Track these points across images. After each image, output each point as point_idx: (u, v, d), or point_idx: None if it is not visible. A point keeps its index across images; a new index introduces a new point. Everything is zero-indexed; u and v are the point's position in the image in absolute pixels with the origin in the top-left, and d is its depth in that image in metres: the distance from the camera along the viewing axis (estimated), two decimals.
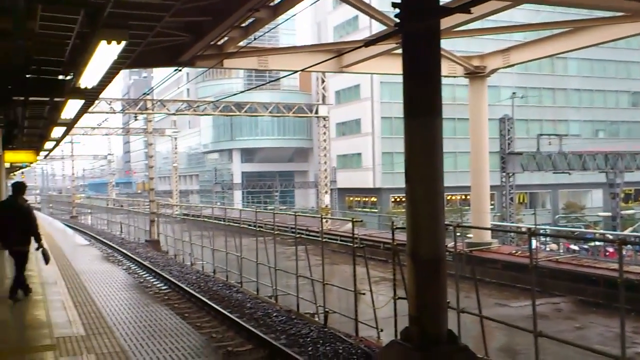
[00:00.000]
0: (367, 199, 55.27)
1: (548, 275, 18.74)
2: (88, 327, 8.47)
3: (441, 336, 7.64)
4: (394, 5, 7.35)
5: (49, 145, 27.98)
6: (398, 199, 50.67)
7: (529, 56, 21.18)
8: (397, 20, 7.68)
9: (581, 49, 18.91)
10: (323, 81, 37.25)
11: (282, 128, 67.89)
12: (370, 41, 8.58)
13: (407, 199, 7.91)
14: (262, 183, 65.01)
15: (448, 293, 8.00)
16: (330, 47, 20.06)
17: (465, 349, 7.76)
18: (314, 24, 67.82)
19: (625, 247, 21.24)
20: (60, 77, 8.25)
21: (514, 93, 42.61)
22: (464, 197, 47.18)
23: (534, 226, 21.49)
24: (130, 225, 37.10)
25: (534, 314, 7.61)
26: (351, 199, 57.59)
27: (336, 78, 49.38)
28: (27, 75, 8.32)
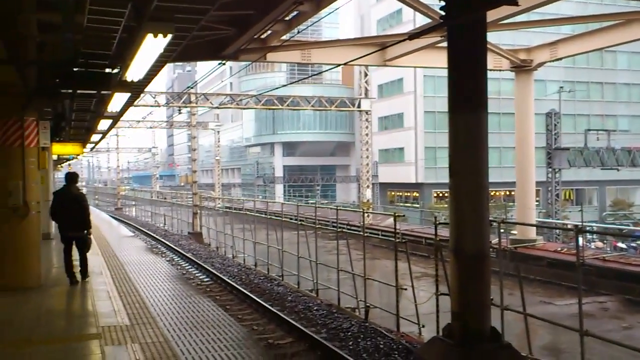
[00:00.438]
0: (409, 193, 54.93)
1: (594, 274, 18.39)
2: (132, 316, 8.59)
3: (484, 333, 7.54)
4: None
5: (95, 137, 28.50)
6: (440, 194, 50.25)
7: (577, 49, 20.76)
8: (442, 12, 7.58)
9: (632, 42, 18.44)
10: (366, 75, 37.08)
11: (324, 122, 67.86)
12: (415, 34, 8.48)
13: (450, 194, 7.82)
14: (304, 177, 65.15)
15: (491, 290, 7.89)
16: (373, 41, 19.97)
17: (508, 347, 7.66)
18: (357, 17, 67.56)
19: None
20: (107, 70, 8.37)
21: (561, 87, 41.78)
22: (508, 193, 46.59)
23: (580, 223, 21.08)
24: (173, 217, 37.60)
25: (580, 312, 7.45)
26: (393, 193, 57.31)
27: (379, 72, 49.16)
28: (75, 69, 8.45)
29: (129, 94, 11.65)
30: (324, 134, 68.65)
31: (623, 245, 27.67)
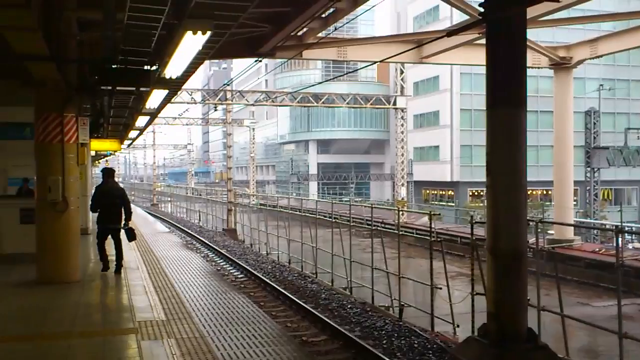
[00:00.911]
0: (444, 192, 54.54)
1: (633, 275, 18.03)
2: (168, 311, 8.67)
3: (520, 334, 7.45)
4: None
5: (132, 134, 28.90)
6: (476, 193, 49.76)
7: (618, 46, 20.35)
8: (481, 9, 7.50)
9: None
10: (402, 72, 36.88)
11: (359, 119, 67.70)
12: (453, 31, 8.39)
13: (488, 192, 7.74)
14: (338, 174, 65.12)
15: (528, 290, 7.79)
16: (410, 38, 19.84)
17: (544, 348, 7.55)
18: (393, 14, 67.25)
19: None
20: (146, 67, 8.46)
21: (601, 85, 41.00)
22: (545, 192, 45.96)
23: (619, 223, 20.68)
24: (208, 214, 37.91)
25: (619, 314, 7.31)
26: (427, 192, 56.96)
27: (415, 69, 48.83)
28: (114, 66, 8.56)
29: (167, 91, 11.78)
30: (358, 131, 68.49)
31: None
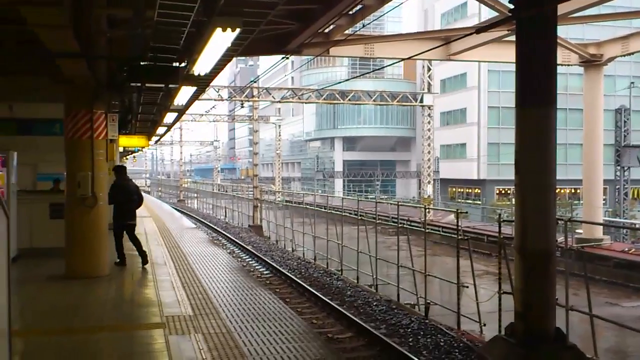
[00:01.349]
0: (471, 190, 54.17)
1: None
2: (195, 307, 8.73)
3: (548, 334, 7.39)
4: None
5: (160, 130, 29.14)
6: (503, 191, 49.35)
7: None
8: (510, 6, 7.44)
9: None
10: (429, 69, 36.68)
11: (385, 117, 67.48)
12: (482, 28, 8.32)
13: (516, 191, 7.68)
14: (364, 172, 65.00)
15: (556, 290, 7.71)
16: (437, 35, 19.73)
17: (573, 348, 7.48)
18: (420, 11, 66.88)
19: None
20: (175, 64, 8.52)
21: (632, 83, 40.37)
22: (573, 190, 45.43)
23: None
24: (234, 210, 38.09)
25: None
26: (454, 190, 56.62)
27: (442, 66, 48.53)
28: (144, 63, 8.64)
29: (195, 88, 11.84)
30: (384, 128, 68.28)
31: None
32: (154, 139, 38.61)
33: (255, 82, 30.02)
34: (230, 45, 6.97)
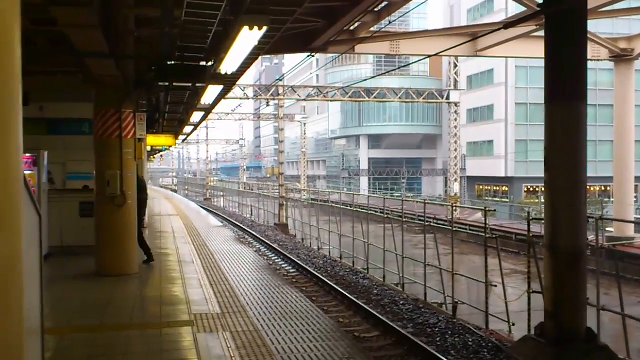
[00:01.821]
0: (498, 187, 53.72)
1: None
2: (223, 304, 8.75)
3: (578, 333, 7.31)
4: None
5: (186, 129, 29.33)
6: (531, 189, 48.86)
7: None
8: (539, 0, 7.35)
9: None
10: (455, 65, 36.44)
11: (410, 114, 67.18)
12: (510, 23, 8.24)
13: (546, 188, 7.61)
14: (389, 169, 64.81)
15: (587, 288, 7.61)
16: (464, 30, 19.56)
17: (604, 348, 7.39)
18: (446, 7, 66.46)
19: None
20: (202, 63, 8.56)
21: None
22: (603, 188, 44.85)
23: None
24: (259, 208, 38.21)
25: None
26: (480, 187, 56.20)
27: (468, 63, 48.19)
28: (171, 62, 8.69)
29: (221, 86, 11.89)
30: (410, 126, 67.97)
31: None
32: (181, 137, 38.89)
33: (280, 80, 30.07)
34: (256, 44, 6.98)
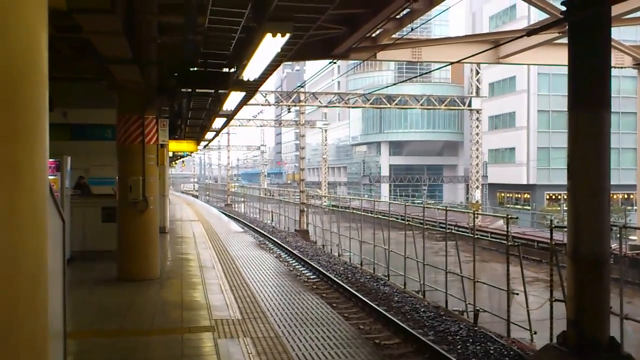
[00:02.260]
0: (520, 195, 53.30)
1: None
2: (244, 310, 8.76)
3: (602, 342, 7.21)
4: None
5: (208, 135, 29.49)
6: (553, 196, 48.41)
7: None
8: (562, 8, 7.30)
9: None
10: (477, 73, 36.27)
11: (432, 121, 66.97)
12: (533, 30, 8.19)
13: (569, 196, 7.53)
14: (410, 176, 64.59)
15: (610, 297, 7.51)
16: (486, 38, 19.46)
17: (628, 358, 7.27)
18: (468, 14, 66.21)
19: None
20: (225, 70, 8.61)
21: None
22: (626, 196, 44.33)
23: None
24: (280, 214, 38.27)
25: None
26: (502, 195, 55.81)
27: (490, 70, 47.97)
28: (194, 69, 8.75)
29: (244, 93, 11.93)
30: (431, 133, 67.75)
31: None
32: (203, 143, 39.10)
33: (302, 87, 30.16)
34: (279, 51, 7.01)
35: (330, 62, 15.25)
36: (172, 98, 11.95)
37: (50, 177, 11.07)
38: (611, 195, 7.21)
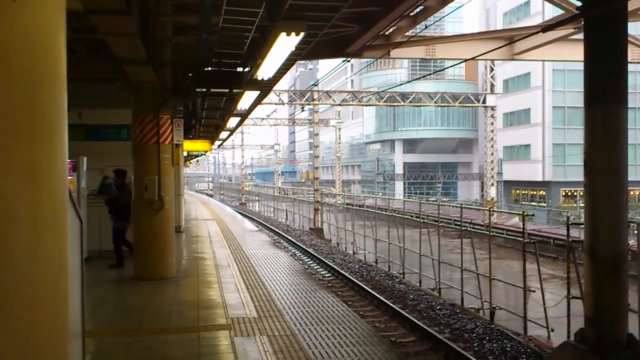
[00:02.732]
0: (535, 192, 53.00)
1: None
2: (259, 309, 8.79)
3: (620, 340, 7.18)
4: None
5: (222, 135, 29.57)
6: (569, 193, 48.10)
7: None
8: (578, 3, 7.25)
9: None
10: (492, 69, 36.09)
11: (446, 118, 66.75)
12: (549, 26, 8.15)
13: (585, 193, 7.49)
14: (424, 174, 64.45)
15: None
16: (501, 34, 19.32)
17: None
18: (482, 11, 65.92)
19: None
20: (239, 69, 8.63)
21: None
22: None
23: None
24: (295, 213, 38.32)
25: None
26: (517, 192, 55.52)
27: (504, 66, 47.69)
28: (208, 68, 8.78)
29: (258, 92, 11.95)
30: (445, 130, 67.52)
31: None
32: (217, 143, 39.19)
33: (315, 85, 30.16)
34: (293, 49, 7.01)
35: (343, 61, 15.21)
36: (187, 98, 12.00)
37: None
38: (629, 191, 7.19)
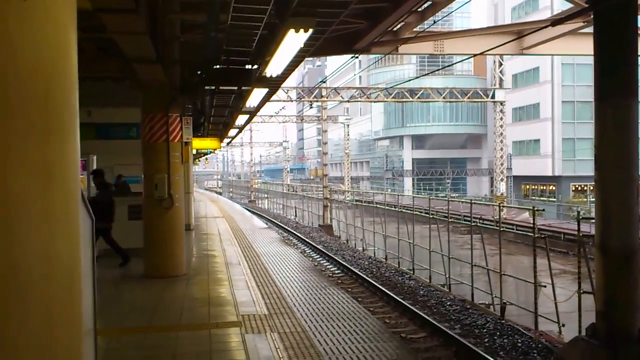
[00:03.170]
0: (545, 187, 52.80)
1: None
2: (270, 306, 8.81)
3: (632, 334, 7.15)
4: None
5: (231, 132, 29.63)
6: (579, 188, 47.90)
7: None
8: None
9: None
10: (500, 64, 35.94)
11: (455, 114, 66.50)
12: (558, 20, 8.11)
13: (596, 187, 7.47)
14: (433, 170, 64.30)
15: None
16: (509, 29, 19.22)
17: None
18: (490, 6, 65.62)
19: None
20: (248, 67, 8.64)
21: None
22: None
23: None
24: (304, 210, 38.34)
25: None
26: (527, 187, 55.33)
27: (513, 61, 47.51)
28: (217, 66, 8.79)
29: (266, 90, 11.96)
30: (454, 126, 67.29)
31: None
32: (226, 140, 39.26)
33: (323, 82, 30.15)
34: (302, 46, 7.01)
35: (352, 57, 15.18)
36: (196, 96, 12.02)
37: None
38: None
